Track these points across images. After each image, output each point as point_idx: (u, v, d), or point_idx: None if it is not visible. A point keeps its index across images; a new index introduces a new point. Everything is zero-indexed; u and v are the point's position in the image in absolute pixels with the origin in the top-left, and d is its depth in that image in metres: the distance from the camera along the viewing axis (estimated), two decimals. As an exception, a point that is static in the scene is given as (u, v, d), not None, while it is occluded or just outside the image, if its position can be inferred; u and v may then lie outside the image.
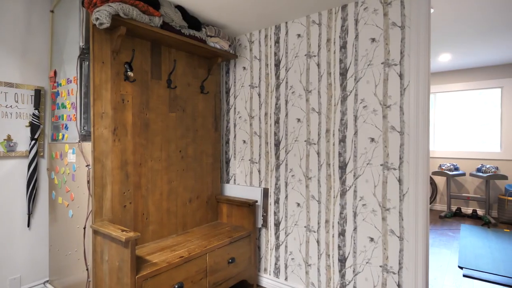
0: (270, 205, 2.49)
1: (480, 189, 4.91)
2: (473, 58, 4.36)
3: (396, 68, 1.89)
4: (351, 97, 2.07)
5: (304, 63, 2.30)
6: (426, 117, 1.80)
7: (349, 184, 2.07)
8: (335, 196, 2.14)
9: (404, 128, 1.86)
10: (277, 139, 2.45)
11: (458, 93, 5.15)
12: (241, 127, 2.69)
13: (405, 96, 1.86)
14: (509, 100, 4.67)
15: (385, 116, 1.93)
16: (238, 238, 2.24)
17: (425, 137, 1.80)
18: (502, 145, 4.74)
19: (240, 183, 2.70)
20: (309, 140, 2.27)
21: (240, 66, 2.71)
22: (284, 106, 2.41)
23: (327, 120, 2.18)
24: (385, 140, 1.93)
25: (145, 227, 2.05)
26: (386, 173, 1.92)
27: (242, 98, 2.69)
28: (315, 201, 2.23)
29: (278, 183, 2.44)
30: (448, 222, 4.51)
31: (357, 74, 2.04)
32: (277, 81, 2.46)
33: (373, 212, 1.97)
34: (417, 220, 1.80)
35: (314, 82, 2.24)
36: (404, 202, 1.86)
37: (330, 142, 2.16)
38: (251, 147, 2.62)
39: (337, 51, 2.14)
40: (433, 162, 5.32)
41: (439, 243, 3.58)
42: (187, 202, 2.35)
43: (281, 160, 2.42)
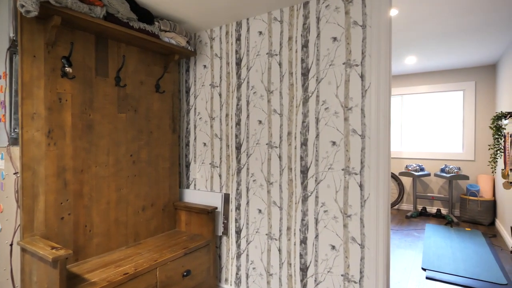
0: (231, 211, 2.36)
1: (444, 188, 5.06)
2: (437, 62, 4.47)
3: (358, 69, 1.82)
4: (313, 98, 1.98)
5: (266, 62, 2.18)
6: (387, 120, 1.74)
7: (311, 190, 1.98)
8: (297, 202, 2.04)
9: (365, 131, 1.79)
10: (238, 141, 2.32)
11: (424, 95, 5.28)
12: (202, 129, 2.54)
13: (366, 98, 1.79)
14: (470, 103, 4.83)
15: (347, 118, 1.85)
16: (194, 248, 2.09)
17: (386, 140, 1.74)
18: (464, 146, 4.90)
19: (200, 188, 2.54)
20: (270, 143, 2.15)
21: (201, 64, 2.55)
22: (245, 107, 2.28)
23: (288, 122, 2.07)
24: (347, 143, 1.85)
25: (88, 240, 1.85)
26: (348, 178, 1.84)
27: (202, 98, 2.54)
28: (277, 207, 2.13)
29: (239, 188, 2.31)
30: (414, 222, 4.59)
31: (319, 75, 1.95)
32: (238, 81, 2.32)
33: (334, 218, 1.89)
34: (378, 227, 1.74)
35: (276, 82, 2.13)
36: (365, 208, 1.79)
37: (292, 146, 2.06)
38: (211, 150, 2.47)
39: (299, 50, 2.04)
40: (400, 162, 5.41)
41: (405, 244, 3.60)
42: (139, 210, 2.17)
43: (242, 164, 2.29)
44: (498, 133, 3.19)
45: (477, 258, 3.14)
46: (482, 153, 4.75)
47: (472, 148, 4.81)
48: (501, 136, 3.18)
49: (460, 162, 4.92)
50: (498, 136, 3.18)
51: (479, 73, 4.78)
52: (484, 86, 4.74)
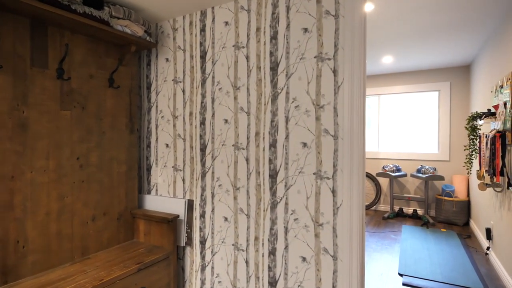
0: (195, 219, 2.14)
1: (420, 189, 5.05)
2: (413, 61, 4.43)
3: (330, 63, 1.65)
4: (282, 95, 1.80)
5: (232, 56, 1.98)
6: (362, 119, 1.59)
7: (280, 196, 1.80)
8: (265, 210, 1.85)
9: (338, 132, 1.63)
10: (203, 142, 2.11)
11: (401, 95, 5.26)
12: (164, 129, 2.30)
13: (339, 95, 1.63)
14: (445, 103, 4.84)
15: (318, 117, 1.68)
16: (151, 262, 1.86)
17: (361, 141, 1.58)
18: (439, 146, 4.91)
19: (162, 194, 2.31)
20: (237, 145, 1.96)
21: (163, 58, 2.31)
22: (210, 104, 2.08)
23: (256, 121, 1.89)
24: (318, 145, 1.68)
25: (20, 258, 1.58)
26: (319, 183, 1.68)
27: (164, 94, 2.30)
28: (244, 215, 1.93)
29: (204, 194, 2.10)
30: (391, 223, 4.53)
31: (289, 69, 1.78)
32: (203, 76, 2.11)
33: (305, 227, 1.72)
34: (352, 237, 1.58)
35: (243, 78, 1.94)
36: (338, 216, 1.63)
37: (260, 147, 1.87)
38: (174, 152, 2.25)
39: (267, 42, 1.85)
40: (377, 163, 5.37)
41: (381, 248, 3.51)
42: (88, 221, 1.91)
43: (207, 167, 2.09)
44: (474, 134, 3.15)
45: (453, 261, 3.08)
46: (457, 153, 4.77)
47: (447, 149, 4.83)
48: (476, 136, 3.14)
49: (436, 162, 4.92)
50: (473, 137, 3.14)
51: (454, 73, 4.79)
52: (459, 86, 4.77)
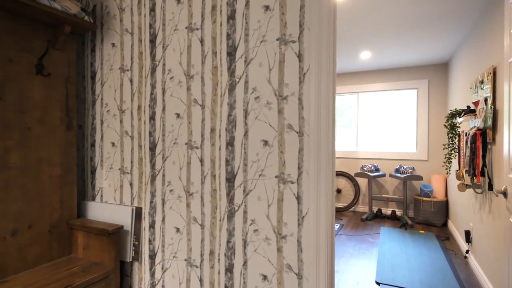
0: (144, 230, 1.84)
1: (399, 189, 4.93)
2: (392, 58, 4.29)
3: (294, 46, 1.40)
4: (241, 85, 1.53)
5: (185, 39, 1.70)
6: (331, 113, 1.35)
7: (238, 203, 1.53)
8: (222, 219, 1.58)
9: (304, 127, 1.38)
10: (152, 141, 1.81)
11: (379, 93, 5.13)
12: (110, 125, 1.99)
13: (304, 84, 1.38)
14: (423, 101, 4.74)
15: (281, 110, 1.43)
16: (83, 285, 1.54)
17: (329, 139, 1.34)
18: (417, 145, 4.80)
19: (108, 200, 1.99)
20: (190, 143, 1.68)
21: (109, 42, 2.00)
22: (161, 96, 1.78)
23: (212, 115, 1.61)
24: (281, 143, 1.43)
25: None
26: (282, 188, 1.42)
27: (110, 85, 1.99)
28: (198, 225, 1.65)
29: (154, 201, 1.81)
30: (369, 225, 4.37)
31: (248, 54, 1.51)
32: (152, 63, 1.82)
33: (266, 240, 1.46)
34: (319, 252, 1.34)
35: (197, 65, 1.66)
36: (303, 227, 1.38)
37: (216, 146, 1.60)
38: (121, 152, 1.94)
39: (224, 22, 1.58)
40: (356, 163, 5.22)
41: (359, 252, 3.32)
42: (6, 236, 1.57)
43: (157, 169, 1.79)
44: (453, 132, 3.00)
45: (432, 266, 2.92)
46: (435, 153, 4.68)
47: (425, 148, 4.73)
48: (456, 135, 3.00)
49: (414, 162, 4.82)
50: (452, 135, 3.00)
51: (432, 71, 4.70)
52: (437, 84, 4.67)
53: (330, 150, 1.34)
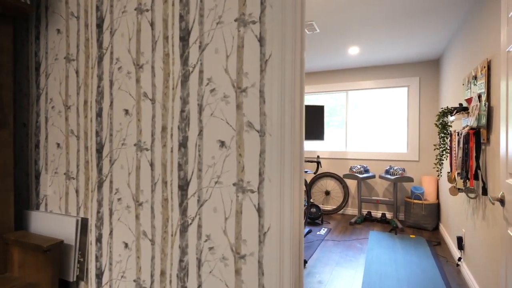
0: (91, 244, 1.59)
1: (389, 191, 4.74)
2: (381, 54, 4.09)
3: (255, 28, 1.17)
4: (195, 75, 1.29)
5: (134, 22, 1.46)
6: (298, 108, 1.12)
7: (192, 215, 1.29)
8: (174, 234, 1.34)
9: (266, 126, 1.14)
10: (99, 141, 1.56)
11: (369, 91, 4.93)
12: (55, 123, 1.73)
13: (266, 73, 1.15)
14: (414, 100, 4.55)
15: (240, 105, 1.20)
16: (7, 314, 1.29)
17: (296, 140, 1.11)
18: (408, 146, 4.62)
19: (53, 209, 1.74)
20: (139, 144, 1.43)
21: (54, 28, 1.74)
22: (108, 90, 1.54)
23: (163, 111, 1.37)
24: (240, 144, 1.19)
25: None
26: (241, 198, 1.19)
27: (55, 77, 1.73)
28: (148, 240, 1.41)
29: (101, 211, 1.56)
30: (358, 229, 4.17)
31: (203, 39, 1.27)
32: (99, 51, 1.57)
33: (223, 260, 1.22)
34: (283, 276, 1.10)
35: (147, 52, 1.42)
36: (265, 245, 1.15)
37: (167, 147, 1.36)
38: (66, 154, 1.68)
39: (177, 2, 1.34)
40: (345, 164, 5.01)
41: (345, 260, 3.11)
42: None
43: (104, 174, 1.54)
44: (444, 131, 2.80)
45: (422, 275, 2.72)
46: (426, 153, 4.50)
47: (416, 148, 4.54)
48: (447, 134, 2.80)
49: (405, 162, 4.63)
50: (444, 135, 2.80)
51: (423, 68, 4.51)
52: (428, 82, 4.49)
53: (296, 152, 1.10)
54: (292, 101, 1.09)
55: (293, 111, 1.09)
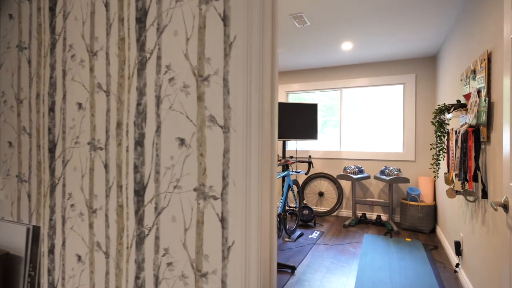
0: (43, 256, 1.41)
1: (384, 192, 4.57)
2: (376, 50, 3.92)
3: (218, 5, 0.99)
4: (152, 61, 1.11)
5: (88, 3, 1.27)
6: (268, 99, 0.94)
7: (149, 224, 1.11)
8: (129, 246, 1.16)
9: (230, 120, 0.97)
10: (52, 139, 1.38)
11: (364, 89, 4.76)
12: (7, 119, 1.55)
13: (231, 58, 0.97)
14: (410, 97, 4.39)
15: (201, 96, 1.02)
16: None
17: (266, 137, 0.93)
18: (404, 145, 4.45)
19: (5, 216, 1.55)
20: (93, 143, 1.25)
21: (6, 13, 1.56)
22: (61, 81, 1.35)
23: (118, 105, 1.19)
24: (201, 142, 1.02)
25: None
26: (203, 206, 1.01)
27: (8, 68, 1.55)
28: (102, 253, 1.23)
29: (53, 218, 1.38)
30: (352, 232, 4.00)
31: (161, 20, 1.10)
32: (52, 37, 1.38)
33: (183, 279, 1.04)
34: (249, 299, 0.93)
35: (101, 37, 1.23)
36: (229, 262, 0.97)
37: (123, 146, 1.18)
38: (19, 154, 1.50)
39: (133, -22, 1.16)
40: (339, 164, 4.84)
41: (337, 266, 2.94)
42: None
43: (57, 177, 1.36)
44: (441, 130, 2.64)
45: (418, 283, 2.55)
46: (423, 153, 4.34)
47: (412, 148, 4.38)
48: (444, 133, 2.63)
49: (400, 163, 4.46)
50: (441, 133, 2.63)
51: (419, 65, 4.35)
52: (425, 79, 4.33)
53: (266, 152, 0.93)
54: (259, 90, 0.91)
55: (261, 104, 0.91)
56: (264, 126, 0.92)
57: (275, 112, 0.94)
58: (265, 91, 0.92)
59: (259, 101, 0.91)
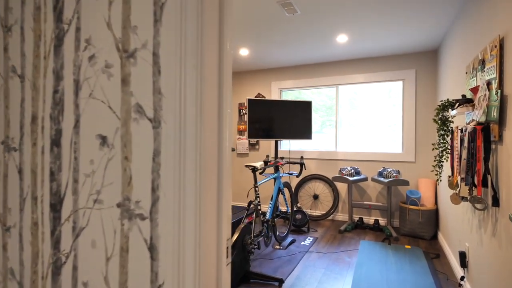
0: (-44, 282, 1.14)
1: (383, 195, 4.31)
2: (372, 43, 3.65)
3: (147, -46, 0.72)
4: (71, 35, 0.85)
5: (2, -34, 1.01)
6: (216, 81, 0.67)
7: (66, 249, 0.85)
8: (44, 276, 0.89)
9: (162, 111, 0.70)
10: (-35, 138, 1.11)
11: (361, 86, 4.49)
12: None
13: (163, 24, 0.70)
14: (410, 94, 4.12)
15: (126, 79, 0.75)
16: None
17: (210, 132, 0.67)
18: (403, 145, 4.19)
19: None
20: (7, 141, 0.98)
21: None
22: (-25, 65, 1.08)
23: (33, 93, 0.92)
24: (126, 141, 0.75)
25: None
26: (128, 228, 0.75)
27: None
28: (16, 282, 0.96)
29: (-33, 236, 1.10)
30: (348, 238, 3.73)
31: (81, -21, 0.83)
32: (-34, 11, 1.11)
33: (103, 324, 0.78)
34: None
35: (16, 7, 0.97)
36: (160, 306, 0.70)
37: (38, 146, 0.91)
38: None
39: None
40: (335, 165, 4.57)
41: (329, 278, 2.67)
42: None
43: (-30, 185, 1.09)
44: (444, 128, 2.37)
45: (419, 299, 2.29)
46: (424, 153, 4.07)
47: (412, 148, 4.11)
48: (448, 131, 2.37)
49: (400, 164, 4.20)
50: (444, 132, 2.36)
51: (420, 60, 4.08)
52: (426, 75, 4.06)
53: (208, 153, 0.66)
54: (197, 67, 0.64)
55: (199, 85, 0.65)
56: (205, 117, 0.66)
57: (226, 98, 0.68)
58: (206, 68, 0.66)
59: (197, 81, 0.65)
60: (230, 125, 0.70)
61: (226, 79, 0.69)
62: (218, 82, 0.69)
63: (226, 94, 0.70)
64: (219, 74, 0.70)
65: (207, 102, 0.66)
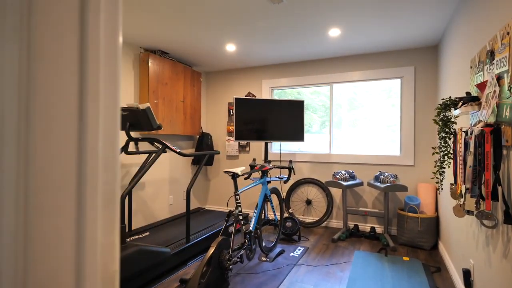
0: None
1: (379, 201, 4.04)
2: (368, 38, 3.39)
3: None
4: None
5: None
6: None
7: None
8: None
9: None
10: None
11: (357, 84, 4.23)
12: None
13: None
14: (408, 94, 3.86)
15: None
16: None
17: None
18: (401, 147, 3.92)
19: None
20: None
21: None
22: None
23: None
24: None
25: None
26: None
27: None
28: None
29: None
30: (341, 248, 3.46)
31: None
32: None
33: None
34: None
35: None
36: None
37: None
38: None
39: None
40: (329, 168, 4.31)
41: (318, 297, 2.40)
42: None
43: None
44: (446, 130, 2.10)
45: (417, 324, 2.02)
46: (423, 156, 3.80)
47: (411, 150, 3.84)
48: (450, 134, 2.10)
49: (398, 167, 3.93)
50: (445, 135, 2.10)
51: (419, 56, 3.82)
52: (425, 72, 3.79)
53: (56, 163, 0.38)
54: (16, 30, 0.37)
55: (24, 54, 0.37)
56: (39, 106, 0.38)
57: (118, 77, 0.41)
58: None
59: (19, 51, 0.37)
60: (114, 117, 0.43)
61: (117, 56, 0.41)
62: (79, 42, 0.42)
63: (117, 84, 0.42)
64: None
65: (44, 78, 0.38)
